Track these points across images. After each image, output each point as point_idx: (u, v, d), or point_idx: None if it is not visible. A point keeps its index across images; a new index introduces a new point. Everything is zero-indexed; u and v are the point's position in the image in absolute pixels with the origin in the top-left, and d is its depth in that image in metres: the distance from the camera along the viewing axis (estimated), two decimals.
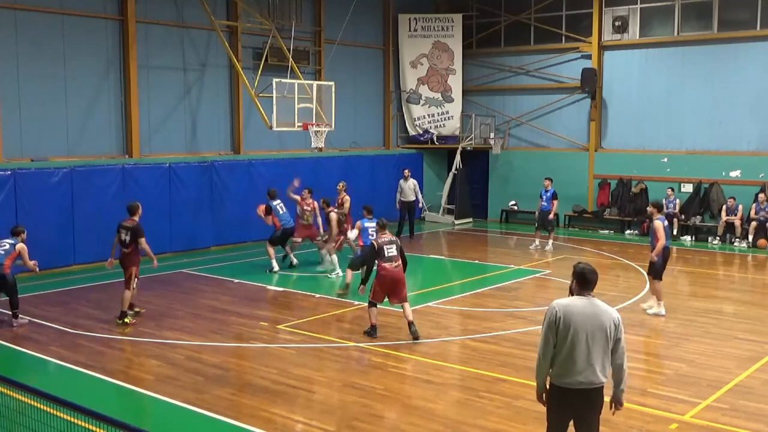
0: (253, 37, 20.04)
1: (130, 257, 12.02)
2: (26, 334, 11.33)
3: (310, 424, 7.92)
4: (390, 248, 11.15)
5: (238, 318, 12.29)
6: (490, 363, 9.97)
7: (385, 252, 11.10)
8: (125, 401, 8.87)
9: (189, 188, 18.20)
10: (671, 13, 21.56)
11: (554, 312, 5.66)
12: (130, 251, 11.99)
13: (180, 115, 18.83)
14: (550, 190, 19.04)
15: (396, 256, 11.14)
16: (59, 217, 15.88)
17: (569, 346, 5.59)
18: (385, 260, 11.08)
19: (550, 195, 19.00)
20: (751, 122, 20.42)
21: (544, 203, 19.08)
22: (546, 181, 19.26)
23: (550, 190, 19.05)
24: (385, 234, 11.40)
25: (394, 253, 11.13)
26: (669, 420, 8.04)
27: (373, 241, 11.43)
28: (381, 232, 11.47)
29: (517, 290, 14.60)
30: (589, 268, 5.79)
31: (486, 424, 7.90)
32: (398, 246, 11.25)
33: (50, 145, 16.37)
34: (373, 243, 11.36)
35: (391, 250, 11.14)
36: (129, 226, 11.97)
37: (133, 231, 11.90)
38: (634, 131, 22.34)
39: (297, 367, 9.82)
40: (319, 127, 18.08)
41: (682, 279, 16.37)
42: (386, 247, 11.13)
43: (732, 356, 10.30)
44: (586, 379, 5.61)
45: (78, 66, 16.71)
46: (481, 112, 24.52)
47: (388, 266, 11.06)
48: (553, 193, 19.01)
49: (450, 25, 24.85)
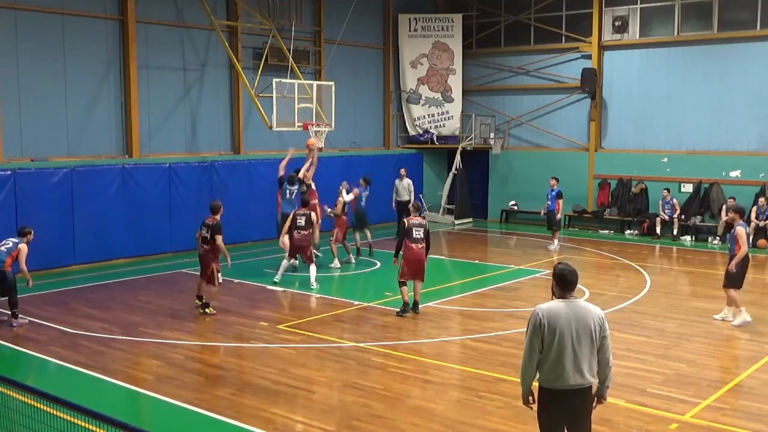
0: (253, 37, 20.04)
1: (210, 254, 12.41)
2: (26, 334, 11.33)
3: (310, 424, 7.92)
4: (418, 231, 12.26)
5: (238, 318, 12.29)
6: (490, 363, 9.97)
7: (413, 233, 12.23)
8: (125, 401, 8.86)
9: (189, 188, 18.19)
10: (671, 13, 21.56)
11: (538, 318, 5.60)
12: (209, 248, 12.38)
13: (180, 115, 18.83)
14: (555, 189, 18.91)
15: (422, 238, 12.27)
16: (59, 217, 15.87)
17: (556, 350, 5.56)
18: (412, 240, 12.20)
19: (555, 194, 18.87)
20: (751, 122, 20.41)
21: (549, 202, 19.02)
22: (552, 180, 19.15)
23: (555, 189, 18.92)
24: (416, 216, 12.50)
25: (420, 236, 12.26)
26: (669, 420, 8.04)
27: (405, 219, 12.55)
28: (414, 214, 12.62)
29: (517, 290, 14.60)
30: (569, 269, 5.73)
31: (486, 424, 7.90)
32: (426, 230, 12.36)
33: (50, 145, 16.36)
34: (404, 221, 12.51)
35: (419, 232, 12.25)
36: (210, 224, 12.42)
37: (213, 228, 12.33)
38: (634, 131, 22.34)
39: (297, 367, 9.82)
40: (319, 127, 18.08)
41: (682, 279, 16.37)
42: (414, 229, 12.25)
43: (732, 356, 10.31)
44: (575, 381, 5.59)
45: (78, 66, 16.71)
46: (481, 112, 24.52)
47: (414, 246, 12.21)
48: (558, 192, 18.88)
49: (450, 25, 24.85)
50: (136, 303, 13.29)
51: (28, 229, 12.23)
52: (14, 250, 11.77)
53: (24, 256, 11.84)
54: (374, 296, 13.87)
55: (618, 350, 9.52)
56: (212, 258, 12.40)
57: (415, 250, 12.18)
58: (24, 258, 11.83)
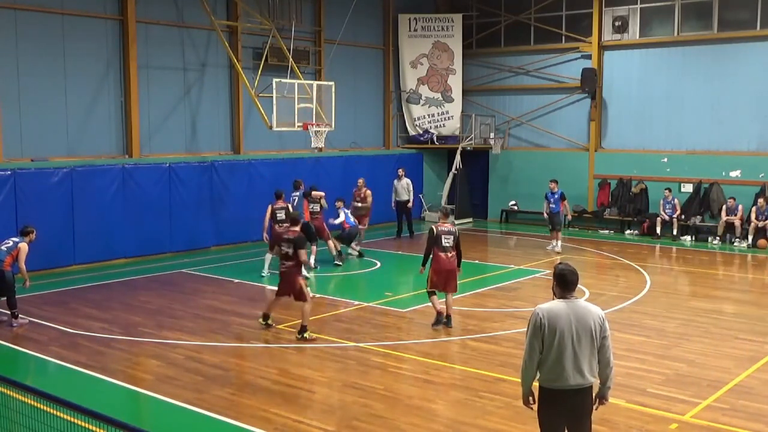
0: (253, 37, 20.03)
1: (294, 269, 11.19)
2: (26, 334, 11.33)
3: (310, 424, 7.91)
4: (447, 239, 11.34)
5: (238, 318, 12.29)
6: (490, 363, 9.97)
7: (442, 241, 11.31)
8: (125, 401, 8.87)
9: (189, 188, 18.19)
10: (671, 13, 21.55)
11: (538, 318, 5.60)
12: (294, 263, 11.17)
13: (180, 115, 18.83)
14: (557, 191, 18.52)
15: (452, 247, 11.37)
16: (59, 217, 15.86)
17: (556, 350, 5.56)
18: (440, 249, 11.31)
19: (558, 197, 18.50)
20: (751, 122, 20.41)
21: (553, 205, 18.52)
22: (552, 183, 18.72)
23: (557, 191, 18.52)
24: (445, 223, 11.54)
25: (450, 244, 11.35)
26: (669, 420, 8.04)
27: (433, 227, 11.56)
28: (442, 221, 11.60)
29: (517, 290, 14.59)
30: (569, 269, 5.72)
31: (486, 424, 7.90)
32: (456, 238, 11.42)
33: (50, 145, 16.36)
34: (432, 228, 11.49)
35: (448, 240, 11.35)
36: (292, 238, 11.20)
37: (296, 243, 11.13)
38: (634, 131, 22.33)
39: (297, 367, 9.82)
40: (319, 127, 18.08)
41: (682, 279, 16.37)
42: (444, 237, 11.33)
43: (732, 356, 10.30)
44: (575, 381, 5.59)
45: (78, 66, 16.71)
46: (481, 112, 24.51)
47: (442, 256, 11.31)
48: (561, 194, 18.55)
49: (450, 25, 24.85)
50: (136, 303, 13.28)
51: (31, 228, 12.20)
52: (14, 249, 11.75)
53: (23, 256, 11.80)
54: (374, 296, 13.86)
55: (618, 350, 9.51)
56: (297, 272, 11.23)
57: (444, 260, 11.28)
58: (23, 257, 11.79)
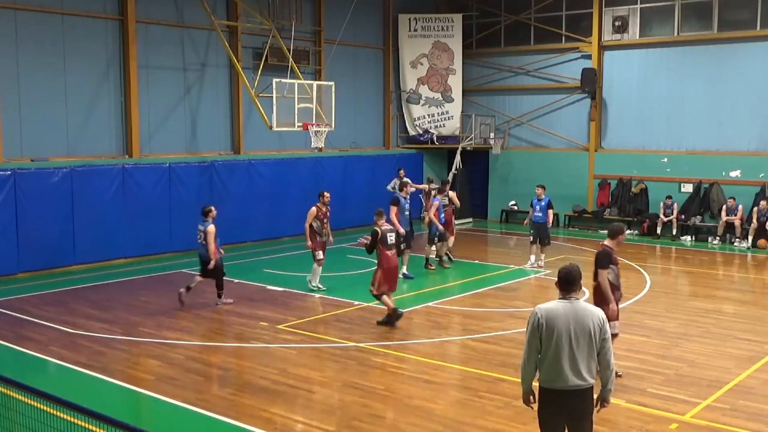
0: (253, 37, 20.03)
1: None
2: (26, 334, 11.32)
3: (310, 424, 7.92)
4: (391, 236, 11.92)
5: (238, 318, 12.29)
6: (490, 363, 9.97)
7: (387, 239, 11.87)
8: (125, 401, 8.87)
9: (189, 188, 18.18)
10: (671, 13, 21.56)
11: (536, 318, 5.61)
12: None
13: (180, 115, 18.82)
14: (544, 199, 16.59)
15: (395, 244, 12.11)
16: (59, 217, 15.87)
17: (554, 350, 5.56)
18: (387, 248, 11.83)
19: (545, 205, 16.59)
20: (751, 122, 20.41)
21: (538, 213, 16.60)
22: (538, 189, 16.75)
23: (543, 199, 16.59)
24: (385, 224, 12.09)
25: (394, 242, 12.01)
26: (669, 420, 8.04)
27: (376, 228, 11.96)
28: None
29: (517, 290, 14.60)
30: (572, 269, 5.70)
31: (486, 424, 7.90)
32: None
33: (50, 145, 16.36)
34: (375, 230, 11.93)
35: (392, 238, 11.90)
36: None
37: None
38: (634, 131, 22.33)
39: (297, 367, 9.82)
40: (319, 127, 18.08)
41: (682, 279, 16.37)
42: (388, 235, 11.88)
43: (732, 356, 10.30)
44: (573, 382, 5.58)
45: (78, 66, 16.71)
46: (481, 112, 24.52)
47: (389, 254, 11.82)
48: (548, 202, 16.62)
49: (450, 25, 24.85)
50: (136, 303, 13.28)
51: (209, 207, 12.90)
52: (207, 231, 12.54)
53: (211, 237, 12.50)
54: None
55: (618, 350, 9.50)
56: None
57: (392, 258, 11.85)
58: (211, 239, 12.50)
